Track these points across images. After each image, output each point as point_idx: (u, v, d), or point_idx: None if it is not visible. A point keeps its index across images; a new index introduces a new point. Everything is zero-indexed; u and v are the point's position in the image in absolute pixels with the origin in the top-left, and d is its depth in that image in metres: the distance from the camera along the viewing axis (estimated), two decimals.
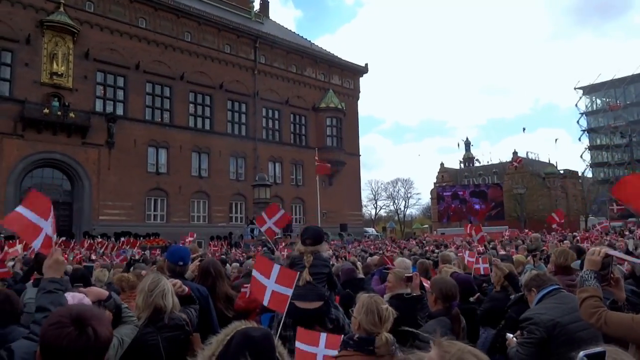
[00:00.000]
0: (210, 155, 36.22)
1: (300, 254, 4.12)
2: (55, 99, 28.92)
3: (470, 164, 70.88)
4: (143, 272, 4.76)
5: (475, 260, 6.29)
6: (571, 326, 2.81)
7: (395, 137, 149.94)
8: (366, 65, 47.84)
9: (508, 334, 3.26)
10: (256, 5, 48.01)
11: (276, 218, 8.45)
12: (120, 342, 2.35)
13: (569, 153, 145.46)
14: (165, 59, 34.31)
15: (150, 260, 10.61)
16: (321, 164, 28.09)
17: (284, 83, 41.41)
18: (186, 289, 3.23)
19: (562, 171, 63.12)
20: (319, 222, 28.43)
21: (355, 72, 47.44)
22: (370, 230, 49.11)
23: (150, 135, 33.06)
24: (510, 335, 3.20)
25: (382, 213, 78.78)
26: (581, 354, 1.29)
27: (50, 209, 2.53)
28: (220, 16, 38.07)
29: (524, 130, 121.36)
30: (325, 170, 28.87)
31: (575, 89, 54.14)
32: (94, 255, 16.21)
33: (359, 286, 5.28)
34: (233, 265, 8.82)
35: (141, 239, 24.59)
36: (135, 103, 32.78)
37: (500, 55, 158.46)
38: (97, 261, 11.93)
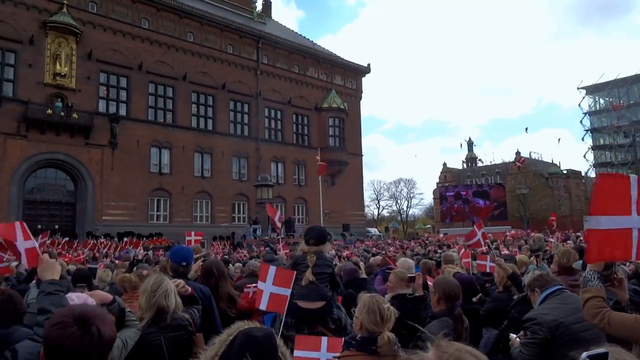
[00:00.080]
0: (212, 156, 36.23)
1: (303, 254, 4.11)
2: (59, 100, 28.95)
3: (473, 164, 70.77)
4: (144, 272, 4.76)
5: (479, 257, 6.34)
6: (574, 326, 2.81)
7: (398, 137, 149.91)
8: (368, 65, 47.80)
9: (511, 334, 3.26)
10: (258, 6, 48.02)
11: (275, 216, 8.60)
12: (124, 344, 2.35)
13: (572, 153, 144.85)
14: (168, 59, 34.36)
15: (153, 261, 10.61)
16: (320, 165, 28.20)
17: (286, 83, 41.39)
18: (189, 289, 3.23)
19: (565, 171, 62.89)
20: (322, 222, 28.33)
21: (357, 72, 47.38)
22: (373, 231, 49.03)
23: (153, 135, 33.11)
24: (514, 335, 3.20)
25: (385, 213, 78.84)
26: (584, 355, 1.29)
27: (16, 232, 2.73)
28: (223, 16, 38.10)
29: (527, 130, 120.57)
30: (323, 171, 28.91)
31: (578, 88, 53.86)
32: (97, 253, 16.27)
33: (361, 286, 5.27)
34: (236, 265, 8.80)
35: (144, 239, 24.65)
36: (138, 103, 32.84)
37: (502, 55, 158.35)
38: (101, 261, 11.94)
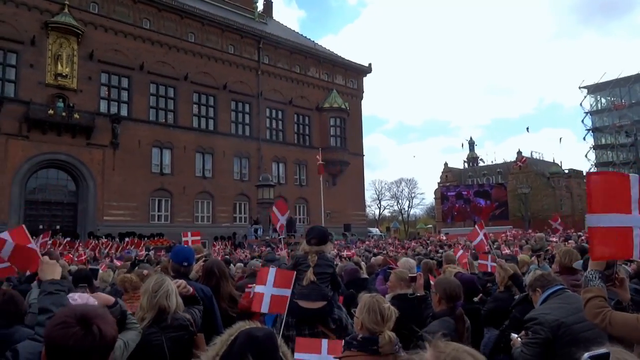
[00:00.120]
0: (214, 156, 36.25)
1: (305, 254, 4.11)
2: (60, 100, 29.01)
3: (475, 164, 70.68)
4: (145, 272, 4.75)
5: (480, 257, 6.34)
6: (576, 326, 2.80)
7: (399, 137, 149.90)
8: (370, 65, 47.78)
9: (513, 334, 3.25)
10: (260, 6, 48.00)
11: (285, 214, 8.67)
12: (125, 345, 2.36)
13: (574, 152, 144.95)
14: (169, 59, 34.39)
15: (155, 261, 10.62)
16: (318, 164, 28.28)
17: (287, 83, 41.39)
18: (190, 289, 3.23)
19: (567, 171, 62.79)
20: (323, 222, 28.34)
21: (358, 72, 47.37)
22: (374, 231, 49.02)
23: (155, 135, 33.14)
24: (515, 335, 3.19)
25: (386, 213, 78.85)
26: (585, 355, 1.29)
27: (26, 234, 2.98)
28: (224, 17, 38.12)
29: (528, 129, 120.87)
30: (320, 170, 28.98)
31: (579, 88, 53.86)
32: (98, 254, 16.28)
33: (362, 286, 5.27)
34: (237, 265, 8.80)
35: (145, 239, 24.67)
36: (140, 104, 32.87)
37: (503, 55, 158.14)
38: (102, 261, 11.94)
